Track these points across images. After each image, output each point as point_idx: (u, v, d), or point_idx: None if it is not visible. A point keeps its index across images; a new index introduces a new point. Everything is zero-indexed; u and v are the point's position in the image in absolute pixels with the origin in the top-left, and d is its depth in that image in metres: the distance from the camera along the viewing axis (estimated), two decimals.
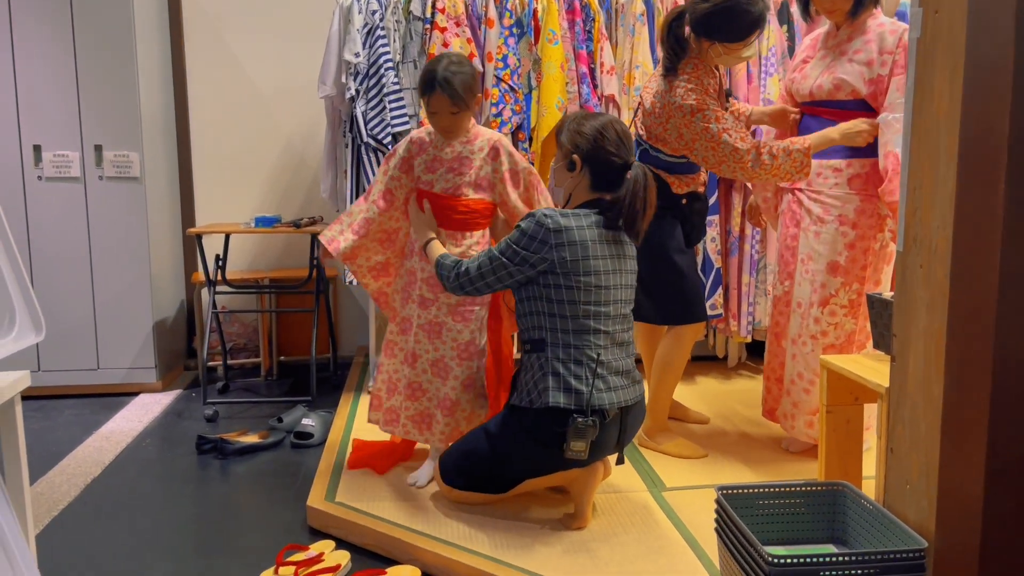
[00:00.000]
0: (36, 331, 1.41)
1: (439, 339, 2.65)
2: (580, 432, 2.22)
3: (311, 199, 4.55)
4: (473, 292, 2.44)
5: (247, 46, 4.45)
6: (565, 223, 2.28)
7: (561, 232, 2.27)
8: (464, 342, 2.64)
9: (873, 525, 1.85)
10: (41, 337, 1.43)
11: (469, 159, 2.62)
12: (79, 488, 2.86)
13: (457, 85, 2.52)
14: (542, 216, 2.29)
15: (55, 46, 3.73)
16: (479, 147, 2.64)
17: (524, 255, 2.29)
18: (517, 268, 2.31)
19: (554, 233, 2.27)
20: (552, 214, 2.29)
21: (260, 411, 3.74)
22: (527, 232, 2.29)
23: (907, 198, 1.79)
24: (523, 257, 2.29)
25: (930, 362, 1.70)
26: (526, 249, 2.29)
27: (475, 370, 2.68)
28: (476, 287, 2.41)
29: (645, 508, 2.51)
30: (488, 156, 2.64)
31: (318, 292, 3.99)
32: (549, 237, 2.27)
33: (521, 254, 2.29)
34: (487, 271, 2.36)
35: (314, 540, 2.43)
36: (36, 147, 3.79)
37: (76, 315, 3.89)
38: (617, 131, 2.36)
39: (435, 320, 2.64)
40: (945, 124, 1.66)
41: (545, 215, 2.29)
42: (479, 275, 2.38)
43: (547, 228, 2.27)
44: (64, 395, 3.94)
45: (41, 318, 1.43)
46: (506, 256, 2.33)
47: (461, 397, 2.66)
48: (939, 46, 1.68)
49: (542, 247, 2.28)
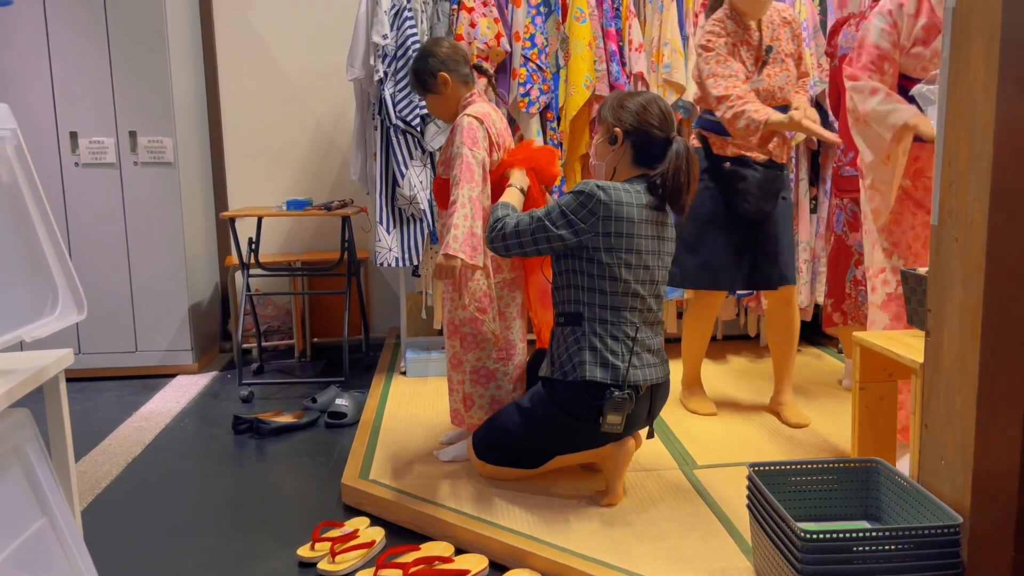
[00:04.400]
0: (79, 310, 1.45)
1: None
2: (617, 406, 2.24)
3: (341, 181, 4.59)
4: (503, 249, 2.38)
5: (276, 30, 4.48)
6: (616, 197, 2.28)
7: (611, 206, 2.27)
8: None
9: (907, 501, 1.84)
10: (83, 315, 1.47)
11: (450, 139, 2.64)
12: (120, 467, 2.93)
13: (412, 76, 2.67)
14: (595, 187, 2.28)
15: (88, 35, 3.79)
16: (456, 127, 2.63)
17: (571, 219, 2.28)
18: (559, 233, 2.29)
19: (603, 205, 2.26)
20: (606, 187, 2.29)
21: (294, 392, 3.80)
22: (579, 198, 2.29)
23: (942, 171, 1.76)
24: (569, 221, 2.28)
25: (965, 337, 1.68)
26: (575, 214, 2.28)
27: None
28: (508, 243, 2.36)
29: (676, 486, 2.52)
30: (452, 135, 2.62)
31: (350, 274, 4.03)
32: (599, 209, 2.27)
33: (569, 218, 2.28)
34: (526, 229, 2.33)
35: (349, 517, 2.47)
36: (72, 134, 3.86)
37: (114, 299, 3.97)
38: (660, 107, 2.37)
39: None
40: (982, 96, 1.63)
41: (599, 186, 2.28)
42: (515, 232, 2.34)
43: (598, 200, 2.27)
44: (104, 377, 4.03)
45: (83, 297, 1.46)
46: (551, 218, 2.30)
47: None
48: (975, 16, 1.65)
49: (590, 216, 2.27)
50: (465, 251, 2.37)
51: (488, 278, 2.59)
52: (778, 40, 2.94)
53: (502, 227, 2.37)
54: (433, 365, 3.79)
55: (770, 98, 2.91)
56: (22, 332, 1.43)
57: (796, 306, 3.09)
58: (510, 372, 2.69)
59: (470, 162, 2.46)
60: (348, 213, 3.91)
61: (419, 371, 3.80)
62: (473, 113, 2.56)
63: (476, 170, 2.47)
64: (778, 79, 2.91)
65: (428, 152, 3.65)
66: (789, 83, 2.95)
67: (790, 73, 2.95)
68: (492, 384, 2.68)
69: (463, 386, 2.71)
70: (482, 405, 2.69)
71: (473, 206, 2.42)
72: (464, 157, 2.47)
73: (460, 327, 2.64)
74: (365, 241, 4.53)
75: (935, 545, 1.63)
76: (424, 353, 3.85)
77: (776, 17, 2.97)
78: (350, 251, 4.01)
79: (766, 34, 2.92)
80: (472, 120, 2.53)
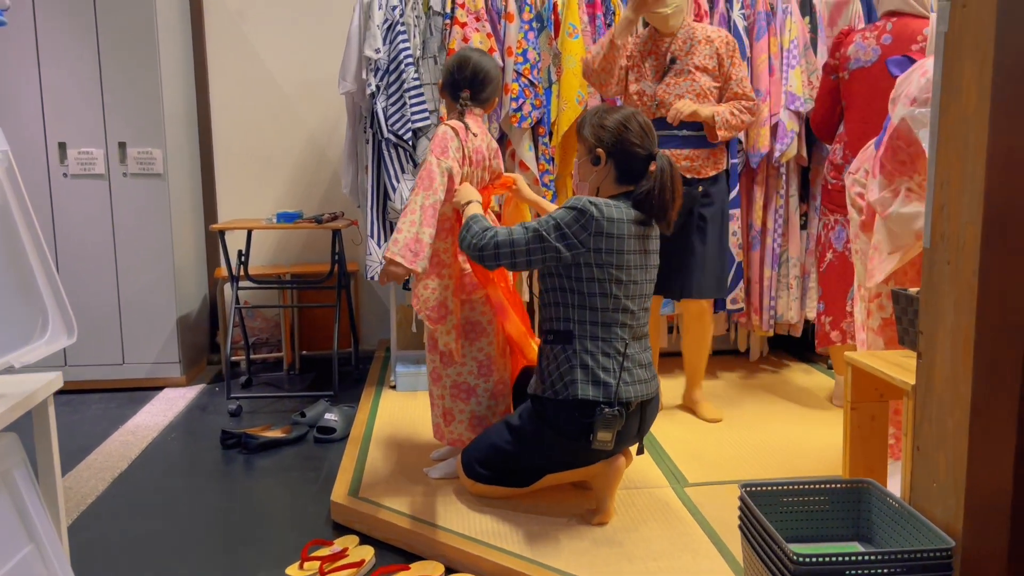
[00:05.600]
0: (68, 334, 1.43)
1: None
2: (608, 423, 2.24)
3: (332, 194, 4.58)
4: (492, 259, 2.32)
5: (268, 42, 4.47)
6: (608, 213, 2.27)
7: (602, 222, 2.26)
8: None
9: (899, 524, 1.84)
10: (73, 340, 1.45)
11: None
12: (107, 482, 2.90)
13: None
14: (588, 203, 2.27)
15: (79, 44, 3.77)
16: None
17: (565, 233, 2.26)
18: (555, 245, 2.26)
19: (596, 222, 2.26)
20: (599, 203, 2.28)
21: (283, 405, 3.77)
22: (572, 213, 2.27)
23: (934, 194, 1.77)
24: (563, 235, 2.27)
25: (957, 360, 1.69)
26: (569, 228, 2.26)
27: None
28: (499, 252, 2.30)
29: (667, 504, 2.51)
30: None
31: (340, 287, 4.02)
32: (591, 225, 2.26)
33: (563, 231, 2.27)
34: (520, 239, 2.28)
35: (338, 535, 2.45)
36: (61, 144, 3.83)
37: (102, 311, 3.94)
38: (639, 122, 2.37)
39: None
40: (974, 120, 1.64)
41: (592, 203, 2.27)
42: (509, 241, 2.29)
43: (591, 215, 2.26)
44: (91, 389, 4.00)
45: (73, 321, 1.45)
46: (545, 230, 2.27)
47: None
48: (967, 40, 1.66)
49: (583, 232, 2.26)
50: (405, 256, 2.37)
51: (447, 290, 2.58)
52: (691, 55, 3.12)
53: (493, 235, 2.32)
54: (423, 379, 3.77)
55: (661, 105, 3.13)
56: (11, 358, 1.41)
57: (706, 319, 3.29)
58: (490, 388, 2.68)
59: (432, 170, 2.46)
60: (339, 226, 3.90)
61: (409, 385, 3.78)
62: (451, 123, 2.58)
63: (436, 178, 2.45)
64: (677, 88, 3.12)
65: (420, 166, 3.64)
66: (692, 94, 3.11)
67: (696, 84, 3.12)
68: (472, 400, 2.68)
69: (443, 401, 2.71)
70: (462, 420, 2.69)
71: (424, 213, 2.41)
72: (427, 164, 2.49)
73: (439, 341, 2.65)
74: (356, 253, 4.51)
75: (927, 569, 1.63)
76: (414, 367, 3.83)
77: (699, 35, 3.15)
78: (340, 264, 4.00)
79: (676, 47, 3.14)
80: (447, 129, 2.55)
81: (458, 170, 2.53)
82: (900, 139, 2.38)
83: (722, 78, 3.16)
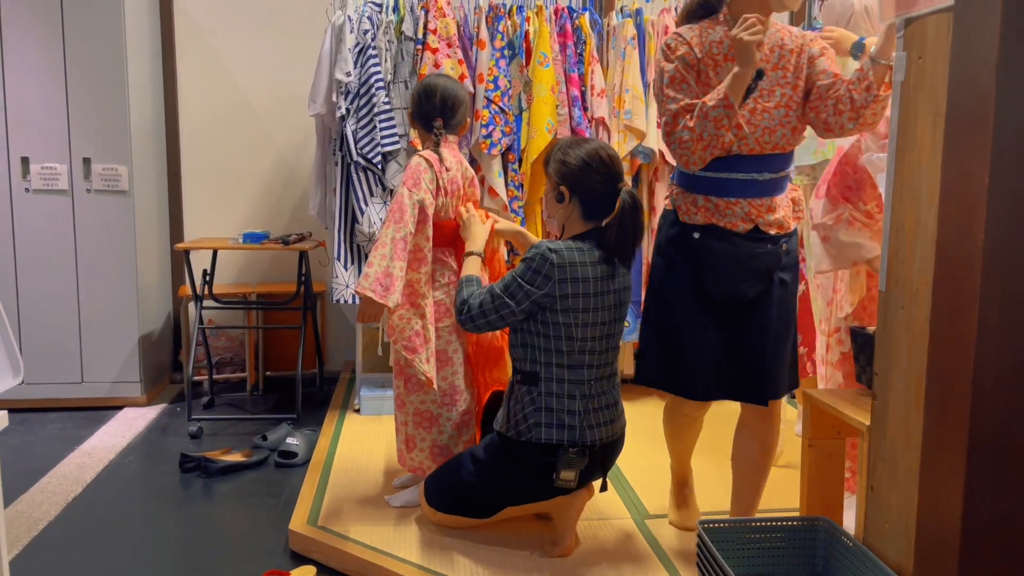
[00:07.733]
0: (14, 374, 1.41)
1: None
2: (571, 463, 2.25)
3: (300, 214, 4.55)
4: (474, 329, 2.38)
5: (239, 59, 4.45)
6: (569, 258, 2.25)
7: (565, 268, 2.24)
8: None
9: (852, 563, 1.86)
10: (19, 380, 1.43)
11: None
12: (60, 507, 2.84)
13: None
14: (547, 250, 2.25)
15: (45, 57, 3.72)
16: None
17: (528, 290, 2.26)
18: (519, 305, 2.27)
19: (558, 268, 2.24)
20: (558, 248, 2.26)
21: (245, 428, 3.73)
22: (531, 266, 2.26)
23: (890, 239, 1.80)
24: (526, 292, 2.26)
25: (910, 403, 1.72)
26: (530, 284, 2.26)
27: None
28: (477, 324, 2.35)
29: (628, 535, 2.52)
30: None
31: (305, 308, 3.99)
32: (553, 272, 2.24)
33: (525, 288, 2.26)
34: (489, 308, 2.31)
35: (296, 564, 2.42)
36: (24, 159, 3.78)
37: (61, 328, 3.87)
38: (602, 158, 2.29)
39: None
40: (927, 168, 1.68)
41: (551, 249, 2.25)
42: (481, 312, 2.33)
43: (551, 263, 2.24)
44: (47, 408, 3.91)
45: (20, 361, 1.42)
46: (509, 292, 2.28)
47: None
48: (922, 92, 1.70)
49: (546, 282, 2.25)
50: (376, 290, 2.37)
51: (423, 319, 2.58)
52: (781, 69, 2.17)
53: (468, 309, 2.36)
54: (388, 403, 3.75)
55: (742, 139, 2.14)
56: None
57: (776, 421, 2.35)
58: (453, 418, 2.67)
59: (403, 202, 2.46)
60: (306, 248, 3.88)
61: (373, 408, 3.75)
62: (424, 154, 2.57)
63: (407, 211, 2.45)
64: (763, 119, 2.15)
65: (389, 189, 3.64)
66: (783, 129, 2.16)
67: (791, 114, 2.16)
68: (435, 428, 2.67)
69: (406, 427, 2.70)
70: (423, 448, 2.68)
71: (394, 246, 2.41)
72: (399, 196, 2.48)
73: (405, 368, 2.63)
74: (322, 274, 4.49)
75: None
76: (379, 391, 3.81)
77: (788, 40, 2.19)
78: (306, 286, 3.97)
79: (763, 55, 2.15)
80: (421, 160, 2.55)
81: (431, 202, 2.53)
82: (848, 164, 2.43)
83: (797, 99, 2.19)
